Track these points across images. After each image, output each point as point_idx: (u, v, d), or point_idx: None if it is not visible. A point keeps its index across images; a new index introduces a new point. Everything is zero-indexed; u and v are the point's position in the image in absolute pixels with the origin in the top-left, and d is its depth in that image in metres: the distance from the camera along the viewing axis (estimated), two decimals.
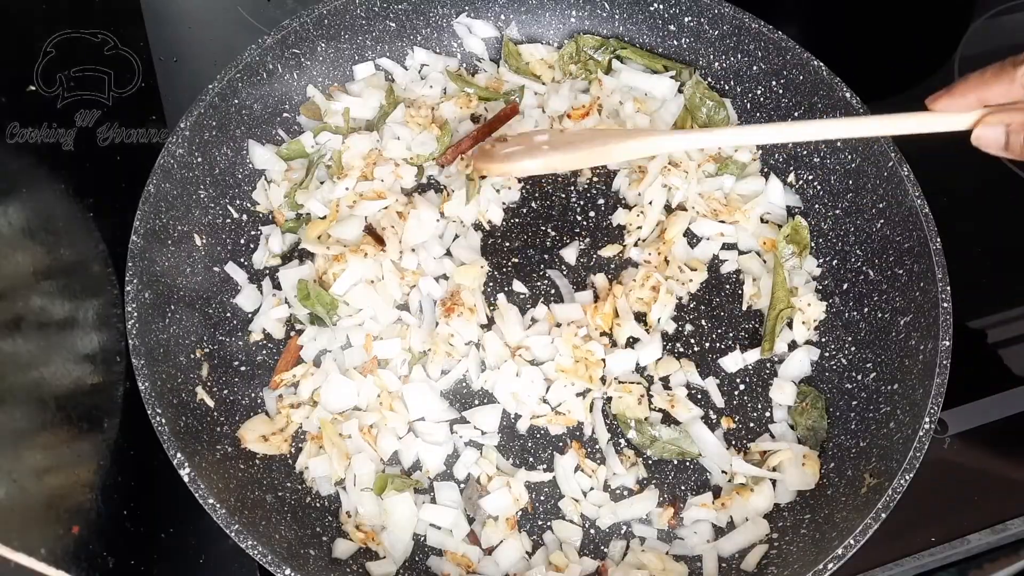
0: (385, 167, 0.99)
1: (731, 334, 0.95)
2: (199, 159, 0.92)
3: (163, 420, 0.75)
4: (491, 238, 0.99)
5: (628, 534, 0.85)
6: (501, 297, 0.95)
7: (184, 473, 0.73)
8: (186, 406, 0.82)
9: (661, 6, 1.04)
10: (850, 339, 0.92)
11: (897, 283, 0.89)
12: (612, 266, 0.98)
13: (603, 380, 0.90)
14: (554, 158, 0.85)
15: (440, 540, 0.83)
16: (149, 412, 0.75)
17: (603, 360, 0.90)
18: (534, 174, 0.95)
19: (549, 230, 1.00)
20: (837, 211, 0.98)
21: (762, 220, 1.00)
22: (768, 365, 0.93)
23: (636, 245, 0.99)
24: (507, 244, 0.99)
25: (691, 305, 0.96)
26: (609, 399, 0.90)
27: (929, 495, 0.84)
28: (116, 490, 0.79)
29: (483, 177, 0.97)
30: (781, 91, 1.01)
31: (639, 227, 0.99)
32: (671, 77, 1.06)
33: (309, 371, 0.89)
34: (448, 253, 0.96)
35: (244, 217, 0.97)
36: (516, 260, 0.98)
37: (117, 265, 0.88)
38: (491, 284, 0.96)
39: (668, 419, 0.89)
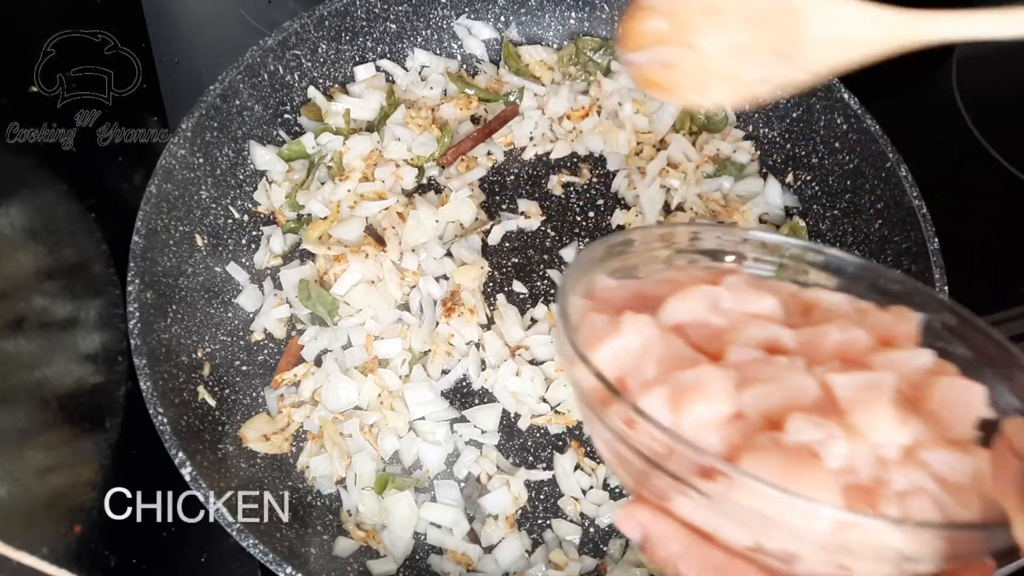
0: (386, 168, 0.99)
1: None
2: (200, 160, 0.92)
3: (165, 419, 0.75)
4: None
5: None
6: (501, 297, 0.95)
7: (186, 472, 0.73)
8: (188, 405, 0.82)
9: None
10: None
11: None
12: None
13: None
14: None
15: (440, 539, 0.83)
16: (151, 411, 0.76)
17: None
18: None
19: (549, 230, 1.00)
20: (835, 212, 0.98)
21: (760, 221, 1.01)
22: None
23: None
24: (507, 244, 0.99)
25: None
26: None
27: None
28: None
29: None
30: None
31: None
32: None
33: (310, 371, 0.89)
34: (448, 253, 0.96)
35: (245, 218, 0.98)
36: (516, 260, 0.98)
37: (119, 265, 0.88)
38: (491, 284, 0.96)
39: None
